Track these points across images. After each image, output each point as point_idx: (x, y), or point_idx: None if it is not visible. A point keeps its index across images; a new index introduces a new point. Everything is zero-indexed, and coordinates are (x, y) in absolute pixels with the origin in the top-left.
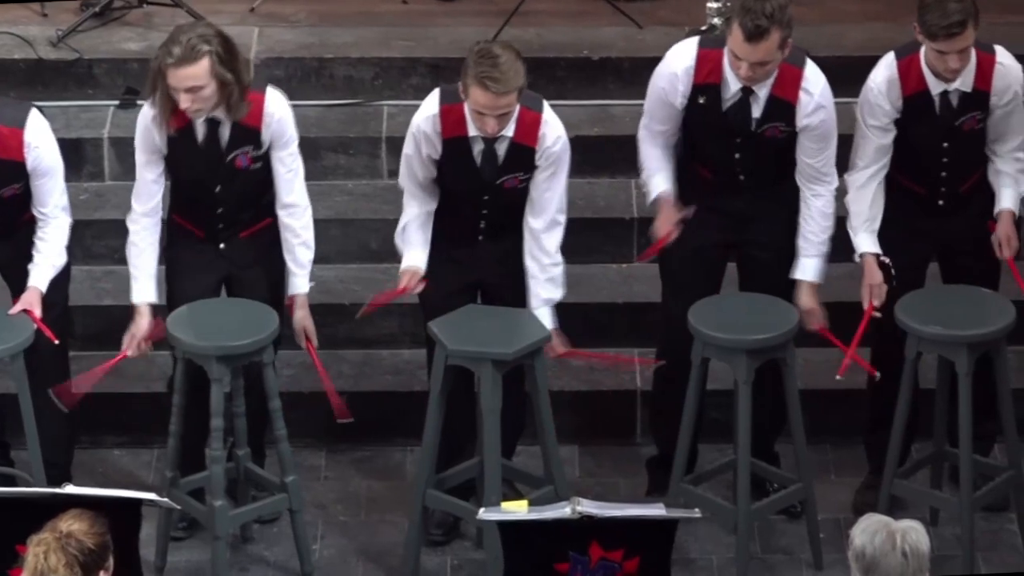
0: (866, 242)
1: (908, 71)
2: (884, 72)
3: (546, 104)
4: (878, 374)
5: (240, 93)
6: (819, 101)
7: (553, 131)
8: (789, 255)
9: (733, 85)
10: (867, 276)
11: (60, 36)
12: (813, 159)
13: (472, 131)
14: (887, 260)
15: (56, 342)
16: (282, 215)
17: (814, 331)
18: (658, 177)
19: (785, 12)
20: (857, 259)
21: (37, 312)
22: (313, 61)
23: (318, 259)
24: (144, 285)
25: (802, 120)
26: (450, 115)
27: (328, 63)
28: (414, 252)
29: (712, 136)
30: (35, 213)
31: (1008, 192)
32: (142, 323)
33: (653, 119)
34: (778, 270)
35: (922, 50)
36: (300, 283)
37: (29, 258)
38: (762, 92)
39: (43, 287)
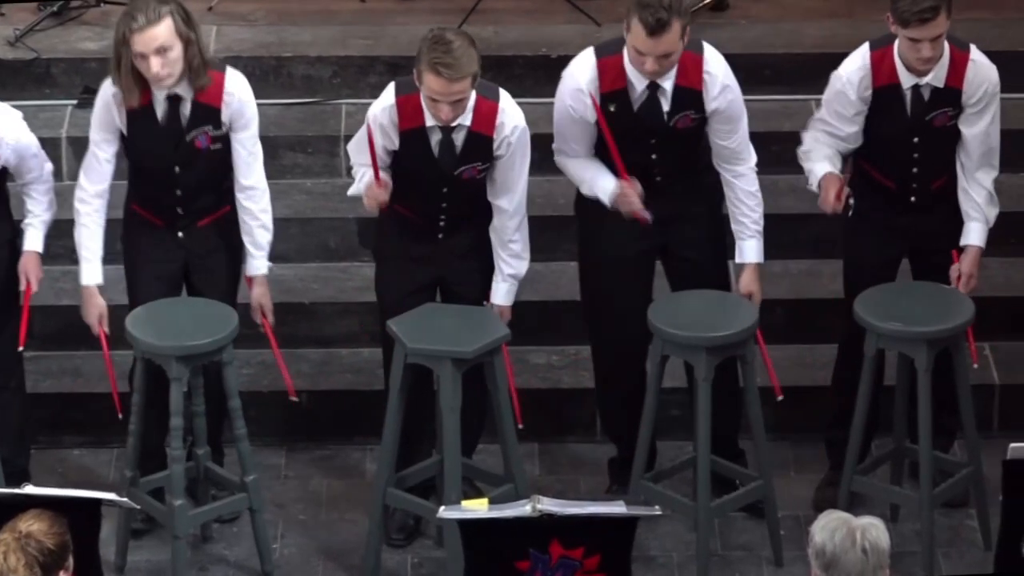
0: (825, 168)
1: (881, 63)
2: (856, 61)
3: (504, 93)
4: (781, 396)
5: (202, 59)
6: (723, 82)
7: (511, 120)
8: (714, 251)
9: (638, 85)
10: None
11: (17, 36)
12: (727, 140)
13: (429, 121)
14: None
15: (20, 348)
16: (240, 198)
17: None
18: (605, 176)
19: (682, 1)
20: (815, 188)
21: (37, 274)
22: (271, 60)
23: (278, 258)
24: (95, 267)
25: (711, 104)
26: (407, 106)
27: (286, 62)
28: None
29: (627, 141)
30: (16, 181)
31: (977, 227)
32: (99, 301)
33: (567, 140)
34: (706, 267)
35: (896, 43)
36: (259, 264)
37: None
38: (667, 84)
39: (40, 247)
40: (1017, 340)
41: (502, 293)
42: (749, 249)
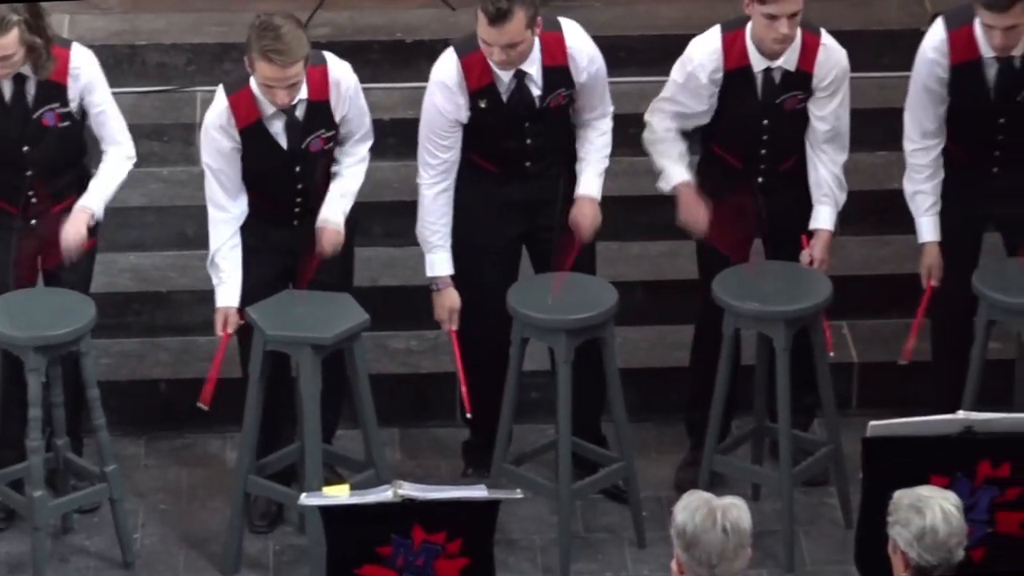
0: (680, 172)
1: (732, 45)
2: (708, 44)
3: (329, 55)
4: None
5: (47, 53)
6: (589, 54)
7: (345, 79)
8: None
9: (505, 76)
10: (684, 208)
11: None
12: (594, 106)
13: (267, 111)
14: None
15: None
16: (104, 158)
17: (573, 241)
18: (439, 255)
19: None
20: (668, 189)
21: None
22: (125, 48)
23: (135, 246)
24: None
25: (580, 76)
26: (239, 104)
27: (140, 50)
28: (226, 288)
29: (501, 132)
30: None
31: (827, 211)
32: None
33: (437, 145)
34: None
35: (748, 26)
36: (88, 198)
37: None
38: (533, 69)
39: None
40: (875, 319)
41: (337, 212)
42: (590, 183)
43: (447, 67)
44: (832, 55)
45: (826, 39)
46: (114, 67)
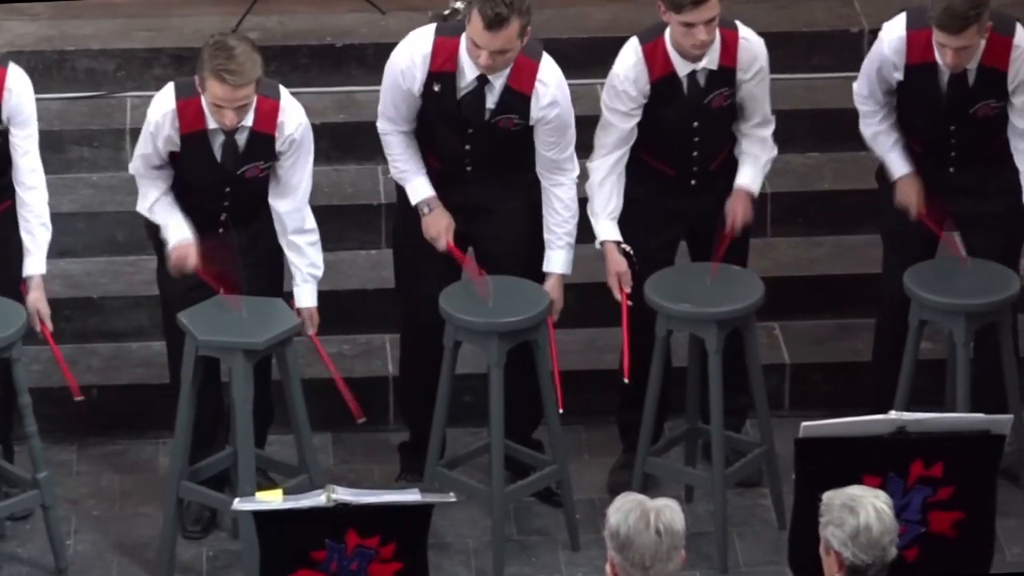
0: (607, 230)
1: (654, 55)
2: (630, 59)
3: (283, 90)
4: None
5: None
6: (554, 94)
7: (293, 118)
8: (523, 246)
9: (469, 74)
10: (611, 264)
11: None
12: (550, 152)
13: (211, 124)
14: (628, 248)
15: None
16: (19, 192)
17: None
18: (418, 180)
19: (524, 0)
20: (598, 246)
21: None
22: (54, 54)
23: (65, 253)
24: None
25: (536, 113)
26: (187, 110)
27: (69, 55)
28: (173, 227)
29: (443, 125)
30: None
31: (747, 170)
32: None
33: (391, 106)
34: (513, 262)
35: (666, 33)
36: (35, 264)
37: None
38: (498, 83)
39: None
40: (807, 319)
41: (309, 295)
42: (557, 259)
43: (421, 40)
44: (752, 47)
45: (744, 31)
46: (43, 73)
